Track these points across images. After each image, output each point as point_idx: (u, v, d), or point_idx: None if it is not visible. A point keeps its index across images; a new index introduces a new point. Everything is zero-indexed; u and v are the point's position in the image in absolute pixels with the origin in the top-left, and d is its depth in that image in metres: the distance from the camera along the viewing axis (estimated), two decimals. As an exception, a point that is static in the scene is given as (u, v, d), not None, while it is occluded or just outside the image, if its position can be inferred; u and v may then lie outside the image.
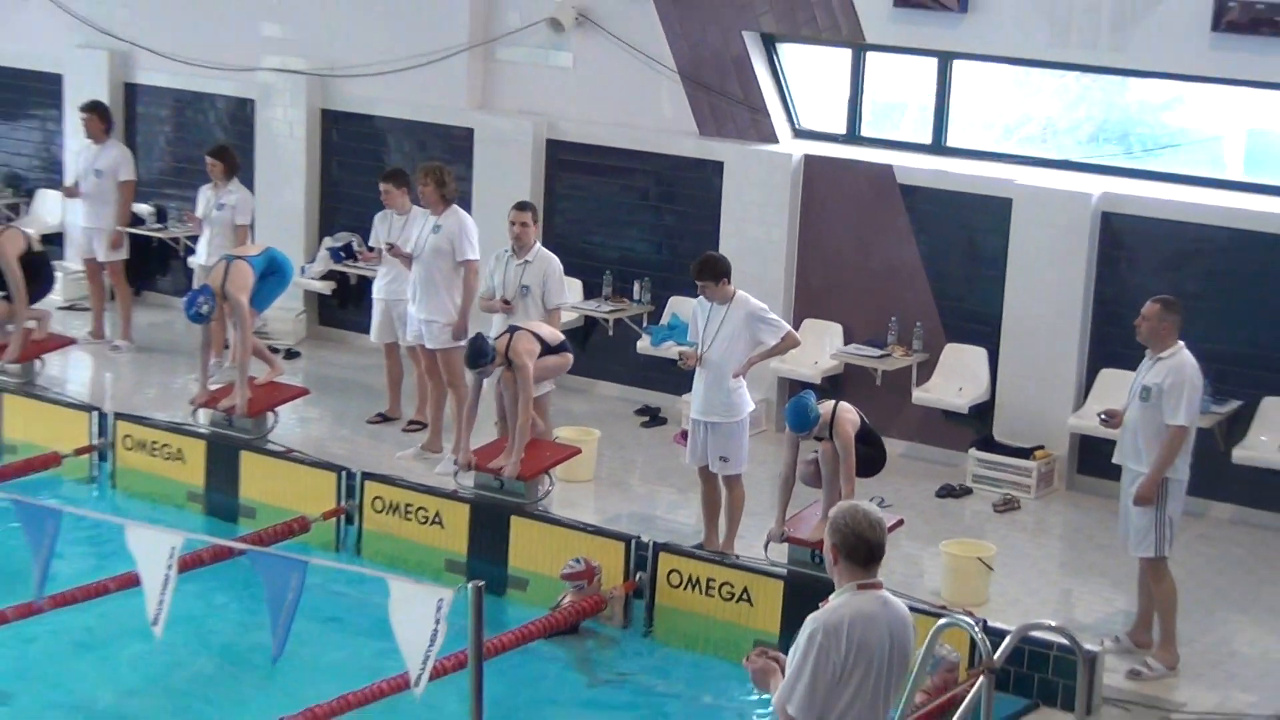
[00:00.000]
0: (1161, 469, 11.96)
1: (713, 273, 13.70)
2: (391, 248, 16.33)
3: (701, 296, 13.83)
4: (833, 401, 13.26)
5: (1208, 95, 16.08)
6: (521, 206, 15.50)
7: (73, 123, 20.02)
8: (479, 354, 14.45)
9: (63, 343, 17.67)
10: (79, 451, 15.85)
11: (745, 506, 13.89)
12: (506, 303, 15.05)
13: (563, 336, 15.10)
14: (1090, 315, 15.85)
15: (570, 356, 15.24)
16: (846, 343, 16.66)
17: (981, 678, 9.74)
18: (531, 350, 14.35)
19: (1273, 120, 16.08)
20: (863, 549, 7.60)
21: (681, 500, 14.85)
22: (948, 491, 15.31)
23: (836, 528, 7.66)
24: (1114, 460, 12.57)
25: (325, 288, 19.34)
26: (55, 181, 20.79)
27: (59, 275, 19.21)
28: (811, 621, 7.54)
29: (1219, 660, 12.19)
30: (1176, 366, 12.06)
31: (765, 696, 10.06)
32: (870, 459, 13.35)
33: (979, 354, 16.11)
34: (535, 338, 14.44)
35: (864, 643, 7.55)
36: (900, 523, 13.65)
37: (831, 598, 7.72)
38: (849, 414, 13.11)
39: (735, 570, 13.13)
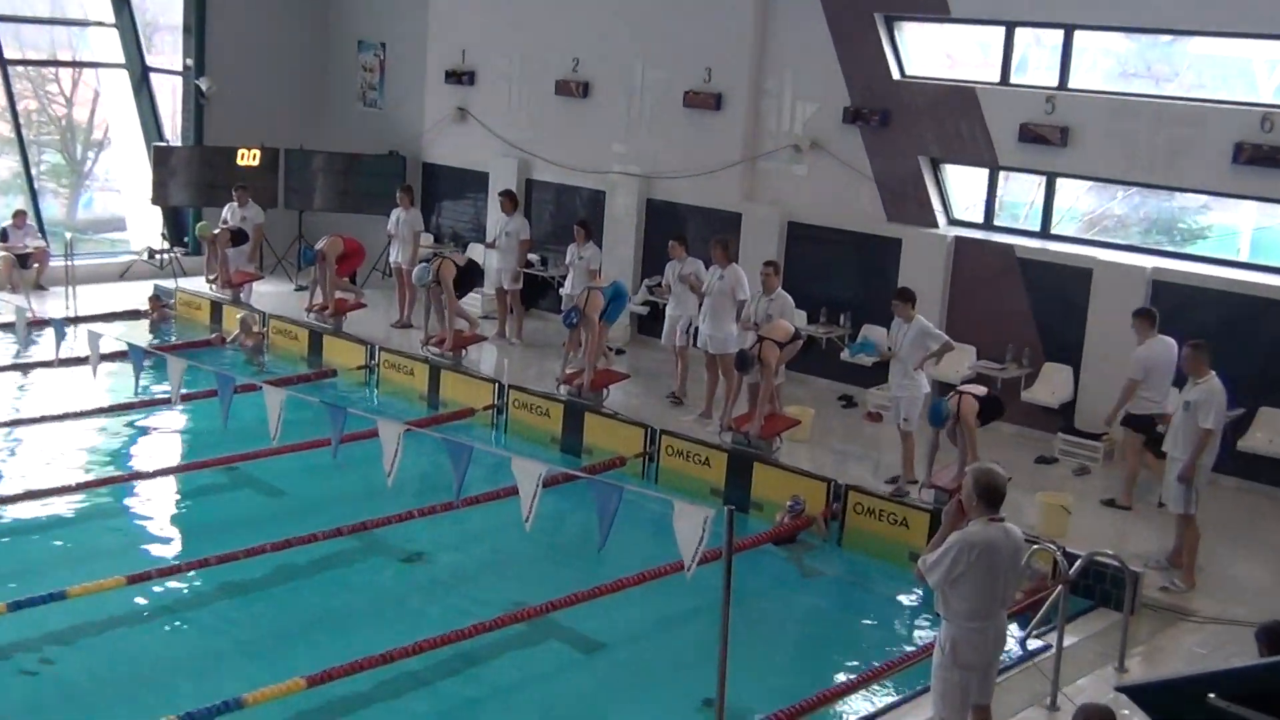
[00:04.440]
0: (1196, 458, 11.37)
1: (906, 296, 13.42)
2: (690, 281, 15.83)
3: (897, 317, 13.36)
4: (957, 394, 12.70)
5: (1227, 204, 15.57)
6: (769, 263, 15.31)
7: (493, 202, 20.38)
8: (745, 361, 14.29)
9: (479, 339, 17.87)
10: (485, 408, 16.07)
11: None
12: (756, 326, 14.65)
13: (793, 329, 14.57)
14: (1144, 349, 14.98)
15: (801, 340, 14.79)
16: (977, 359, 15.98)
17: (1060, 586, 9.89)
18: (771, 353, 14.04)
19: (1270, 221, 15.47)
20: (994, 494, 7.64)
21: (864, 455, 14.42)
22: (1042, 460, 14.79)
23: (977, 479, 7.66)
24: (1163, 448, 12.01)
25: (643, 310, 18.99)
26: (480, 238, 20.97)
27: (479, 298, 19.53)
28: (958, 535, 7.64)
29: (1222, 585, 11.78)
30: (1208, 388, 11.45)
31: (911, 579, 10.36)
32: (991, 411, 12.70)
33: (1066, 370, 15.57)
34: (775, 344, 14.08)
35: (987, 558, 7.61)
36: (1009, 479, 13.28)
37: (971, 524, 7.67)
38: (971, 401, 12.51)
39: (897, 504, 12.85)
